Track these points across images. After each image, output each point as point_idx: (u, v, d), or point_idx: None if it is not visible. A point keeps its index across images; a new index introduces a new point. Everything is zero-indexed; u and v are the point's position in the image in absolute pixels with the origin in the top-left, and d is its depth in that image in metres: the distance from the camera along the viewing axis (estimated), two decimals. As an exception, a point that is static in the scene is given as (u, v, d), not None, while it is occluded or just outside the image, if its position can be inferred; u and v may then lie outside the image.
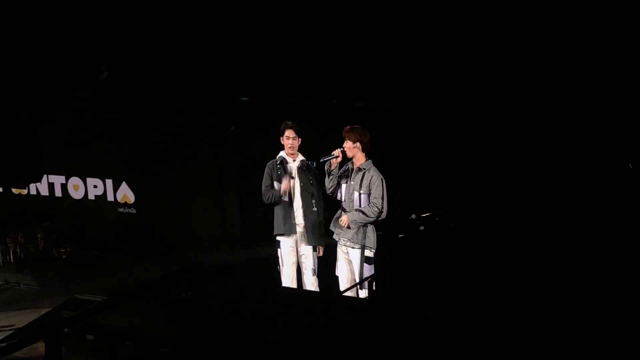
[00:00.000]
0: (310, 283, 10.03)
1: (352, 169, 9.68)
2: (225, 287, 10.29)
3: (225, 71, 10.16)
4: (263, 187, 10.06)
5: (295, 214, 10.05)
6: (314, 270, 10.05)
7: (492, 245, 8.34)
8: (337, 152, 9.60)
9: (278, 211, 10.08)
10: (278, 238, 10.12)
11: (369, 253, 9.51)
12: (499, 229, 8.38)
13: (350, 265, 9.64)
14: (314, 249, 10.11)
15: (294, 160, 10.10)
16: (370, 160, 9.61)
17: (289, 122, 10.00)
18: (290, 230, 10.02)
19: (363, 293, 9.32)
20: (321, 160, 9.70)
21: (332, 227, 9.88)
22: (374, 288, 8.44)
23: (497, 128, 8.88)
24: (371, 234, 9.51)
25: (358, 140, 9.55)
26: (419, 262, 8.41)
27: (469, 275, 8.31)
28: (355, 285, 9.24)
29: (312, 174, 10.13)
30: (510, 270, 8.27)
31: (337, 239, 9.79)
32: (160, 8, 9.66)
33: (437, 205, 8.18)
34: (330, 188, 9.82)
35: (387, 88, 9.58)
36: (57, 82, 9.91)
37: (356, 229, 9.52)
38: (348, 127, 9.59)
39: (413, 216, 8.33)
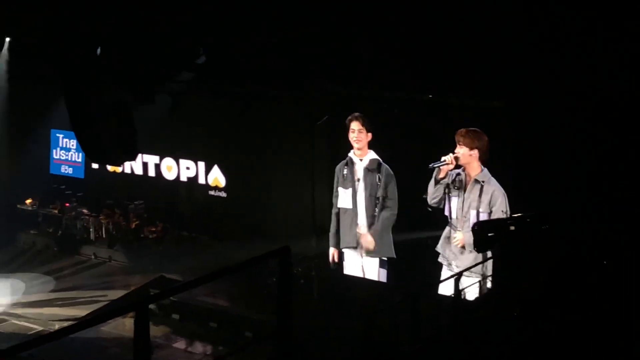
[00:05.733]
0: None
1: (466, 181, 8.39)
2: (311, 275, 10.34)
3: (321, 61, 10.15)
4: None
5: (359, 222, 9.27)
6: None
7: (585, 250, 8.14)
8: (448, 158, 8.24)
9: (342, 221, 9.41)
10: (344, 250, 9.52)
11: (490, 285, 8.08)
12: (594, 235, 8.15)
13: None
14: (381, 264, 9.21)
15: (362, 160, 9.25)
16: (487, 170, 8.34)
17: (356, 114, 9.19)
18: (354, 241, 9.27)
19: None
20: (430, 166, 8.37)
21: (439, 249, 8.67)
22: (459, 286, 8.27)
23: (595, 129, 8.61)
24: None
25: (476, 147, 8.22)
26: (506, 261, 8.24)
27: (556, 277, 8.13)
28: (444, 280, 8.78)
29: (384, 175, 9.14)
30: (601, 275, 8.06)
31: (445, 264, 8.59)
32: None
33: (532, 207, 7.97)
34: (434, 198, 8.44)
35: (485, 85, 9.15)
36: (157, 64, 10.10)
37: (475, 254, 8.11)
38: (463, 130, 8.27)
39: (504, 215, 8.08)
